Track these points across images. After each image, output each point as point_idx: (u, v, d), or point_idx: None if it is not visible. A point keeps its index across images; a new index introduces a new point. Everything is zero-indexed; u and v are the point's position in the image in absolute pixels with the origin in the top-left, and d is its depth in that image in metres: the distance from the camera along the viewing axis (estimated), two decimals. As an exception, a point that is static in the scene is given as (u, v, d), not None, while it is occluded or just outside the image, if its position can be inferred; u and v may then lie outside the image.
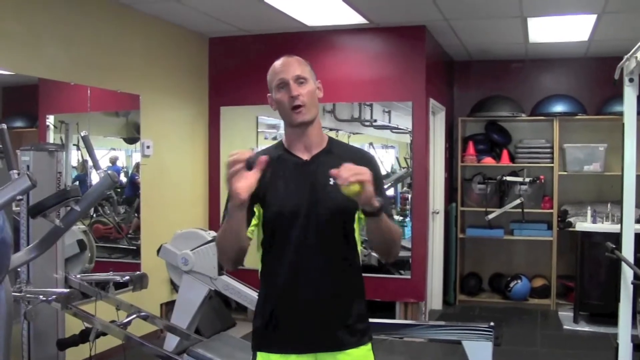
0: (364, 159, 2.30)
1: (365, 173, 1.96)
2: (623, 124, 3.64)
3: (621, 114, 3.69)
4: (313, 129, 2.29)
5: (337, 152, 2.31)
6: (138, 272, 4.22)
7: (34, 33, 4.65)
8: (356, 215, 2.28)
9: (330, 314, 2.22)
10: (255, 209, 2.23)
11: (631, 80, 3.59)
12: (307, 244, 2.16)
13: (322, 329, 2.22)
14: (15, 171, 2.66)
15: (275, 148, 2.35)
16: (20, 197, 2.69)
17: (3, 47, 4.40)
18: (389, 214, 2.24)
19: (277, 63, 2.32)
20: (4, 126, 2.74)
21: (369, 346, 2.31)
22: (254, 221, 2.23)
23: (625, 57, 3.54)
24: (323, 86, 2.46)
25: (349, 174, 1.94)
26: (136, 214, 5.86)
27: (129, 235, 5.85)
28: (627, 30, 5.85)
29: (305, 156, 2.27)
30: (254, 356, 2.29)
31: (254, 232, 2.24)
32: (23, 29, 4.55)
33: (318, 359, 2.24)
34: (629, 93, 3.62)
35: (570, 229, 7.03)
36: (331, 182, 2.16)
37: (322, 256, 2.16)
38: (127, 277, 4.11)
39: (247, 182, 1.98)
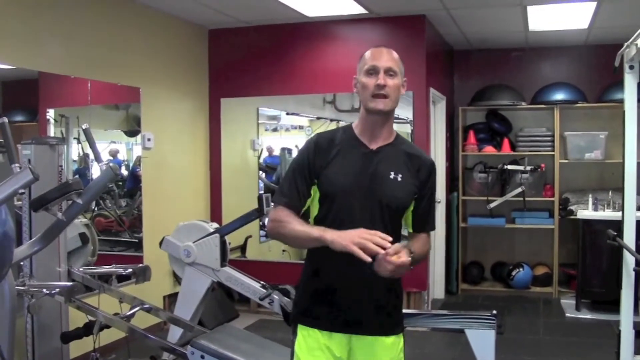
0: (424, 162, 2.39)
1: (403, 266, 2.06)
2: (624, 112, 3.63)
3: (621, 101, 3.68)
4: (386, 121, 2.35)
5: (403, 149, 2.38)
6: (141, 265, 4.21)
7: (34, 27, 4.64)
8: (406, 213, 2.37)
9: (374, 297, 2.30)
10: (312, 192, 2.34)
11: (631, 67, 3.58)
12: (355, 227, 2.15)
13: (364, 314, 2.30)
14: (17, 165, 2.66)
15: (344, 131, 2.41)
16: (23, 190, 2.70)
17: (3, 41, 4.40)
18: (429, 231, 2.44)
19: (372, 50, 2.37)
20: (5, 120, 2.74)
21: (401, 335, 2.40)
22: (307, 202, 2.34)
23: (626, 44, 3.53)
24: (323, 76, 2.50)
25: (388, 270, 2.05)
26: (137, 208, 5.87)
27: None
28: (627, 17, 5.83)
29: (372, 145, 2.34)
30: (295, 328, 2.37)
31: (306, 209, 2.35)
32: (23, 23, 4.54)
33: (352, 340, 2.31)
34: (630, 80, 3.61)
35: (572, 217, 7.04)
36: (391, 176, 2.28)
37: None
38: (130, 270, 4.10)
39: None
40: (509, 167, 7.39)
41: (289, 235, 2.28)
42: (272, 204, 2.44)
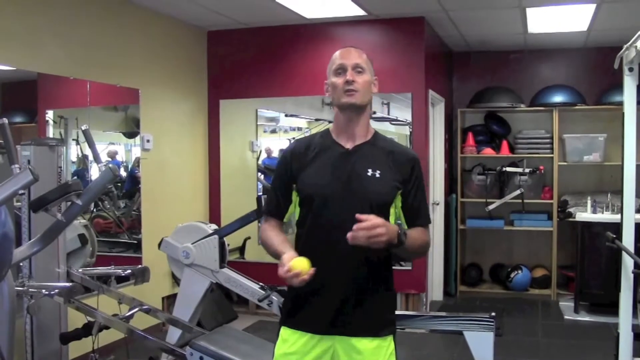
0: (404, 157, 2.38)
1: (379, 234, 2.05)
2: (623, 114, 3.63)
3: (621, 103, 3.68)
4: (361, 119, 2.34)
5: (380, 146, 2.37)
6: (140, 266, 4.22)
7: (34, 28, 4.64)
8: (391, 209, 2.34)
9: (357, 298, 2.27)
10: (292, 197, 2.37)
11: (631, 69, 3.58)
12: (340, 230, 2.15)
13: (346, 314, 2.27)
14: (16, 165, 2.66)
15: (320, 136, 2.42)
16: (22, 191, 2.70)
17: (2, 42, 4.40)
18: (424, 225, 2.39)
19: (339, 51, 2.38)
20: (5, 121, 2.74)
21: (389, 338, 2.35)
22: (290, 209, 2.39)
23: (625, 46, 3.53)
24: (321, 78, 2.50)
25: (364, 238, 2.04)
26: (136, 209, 5.86)
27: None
28: (627, 20, 5.83)
29: (348, 145, 2.34)
30: (279, 330, 2.38)
31: (290, 216, 2.38)
32: (22, 24, 4.54)
33: (335, 341, 2.29)
34: (629, 82, 3.61)
35: (571, 219, 7.03)
36: (368, 173, 2.27)
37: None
38: (129, 271, 4.10)
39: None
40: (508, 169, 7.40)
41: (264, 244, 2.39)
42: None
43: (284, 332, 2.34)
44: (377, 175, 2.29)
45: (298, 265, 2.12)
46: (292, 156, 2.37)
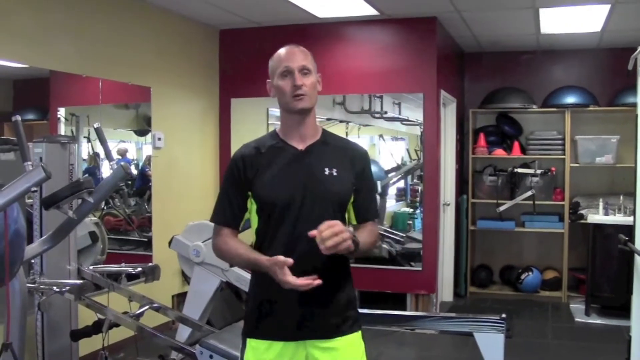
0: (356, 153, 2.37)
1: (343, 238, 2.04)
2: (636, 115, 3.62)
3: (634, 105, 3.68)
4: (309, 119, 2.32)
5: (332, 143, 2.35)
6: (150, 264, 4.23)
7: (46, 26, 4.66)
8: (348, 206, 2.33)
9: (320, 301, 2.23)
10: (248, 204, 2.31)
11: (645, 71, 3.56)
12: (299, 232, 2.16)
13: (312, 316, 2.24)
14: (29, 163, 2.67)
15: (270, 137, 2.38)
16: (34, 188, 2.71)
17: (15, 39, 4.42)
18: (373, 219, 2.38)
19: (283, 51, 2.37)
20: (19, 118, 2.75)
21: (358, 334, 2.33)
22: (246, 216, 2.32)
23: (639, 47, 3.51)
24: (333, 78, 2.50)
25: (329, 243, 2.02)
26: (146, 207, 5.88)
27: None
28: (641, 21, 5.81)
29: (300, 146, 2.30)
30: (244, 342, 2.32)
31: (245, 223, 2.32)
32: (35, 22, 4.56)
33: (307, 346, 2.26)
34: (643, 84, 3.60)
35: (582, 221, 7.00)
36: (325, 172, 2.25)
37: (314, 244, 2.08)
38: (139, 269, 4.11)
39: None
40: (519, 170, 7.36)
41: (228, 256, 2.33)
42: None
43: (253, 342, 2.28)
44: (335, 174, 2.26)
45: None
46: (243, 162, 2.28)
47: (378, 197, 6.10)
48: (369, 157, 2.42)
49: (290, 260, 2.07)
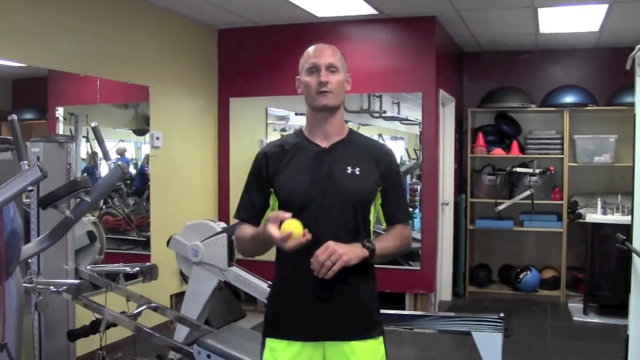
0: (381, 153, 2.35)
1: (339, 259, 2.03)
2: (634, 115, 3.61)
3: (632, 104, 3.66)
4: (335, 118, 2.31)
5: (357, 143, 2.34)
6: (148, 264, 4.22)
7: (44, 25, 4.66)
8: (372, 207, 2.29)
9: (341, 302, 2.21)
10: (270, 201, 2.30)
11: (643, 70, 3.56)
12: (320, 231, 2.12)
13: (331, 316, 2.21)
14: (25, 162, 2.66)
15: (295, 135, 2.38)
16: (31, 188, 2.70)
17: (13, 39, 4.41)
18: (404, 221, 2.35)
19: (312, 48, 2.38)
20: (14, 117, 2.74)
21: (379, 340, 2.29)
22: (268, 212, 2.29)
23: (637, 47, 3.50)
24: None
25: (325, 267, 2.03)
26: (145, 206, 5.88)
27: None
28: (639, 20, 5.80)
29: (324, 144, 2.29)
30: (263, 342, 2.30)
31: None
32: (33, 21, 4.56)
33: (325, 348, 2.24)
34: (641, 83, 3.59)
35: (580, 221, 7.00)
36: (348, 171, 2.22)
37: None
38: (137, 269, 4.11)
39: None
40: (518, 169, 7.37)
41: (248, 248, 2.33)
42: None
43: (271, 342, 2.26)
44: (357, 173, 2.24)
45: (289, 227, 2.03)
46: (266, 159, 2.29)
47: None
48: (394, 155, 2.40)
49: (287, 215, 2.05)
